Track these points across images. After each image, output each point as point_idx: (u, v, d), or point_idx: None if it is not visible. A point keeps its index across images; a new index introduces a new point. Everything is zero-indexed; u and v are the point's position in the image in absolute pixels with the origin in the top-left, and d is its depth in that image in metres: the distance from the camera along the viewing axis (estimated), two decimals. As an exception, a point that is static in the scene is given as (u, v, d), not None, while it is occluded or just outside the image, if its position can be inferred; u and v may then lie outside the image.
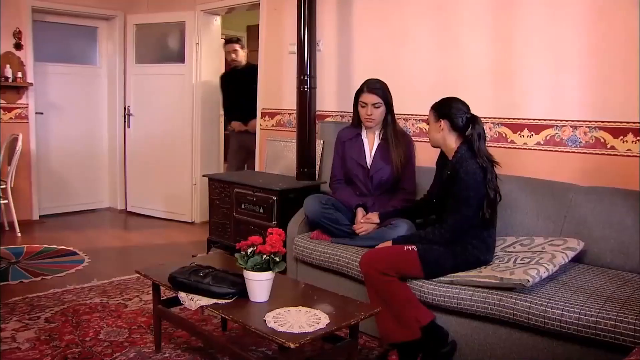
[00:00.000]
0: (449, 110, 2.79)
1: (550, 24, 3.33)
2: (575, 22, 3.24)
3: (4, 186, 5.20)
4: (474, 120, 2.76)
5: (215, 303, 2.34)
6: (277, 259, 2.30)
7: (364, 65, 4.32)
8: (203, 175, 4.85)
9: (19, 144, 5.19)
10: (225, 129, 6.13)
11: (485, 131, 2.89)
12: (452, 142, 2.80)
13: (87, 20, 6.33)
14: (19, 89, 5.63)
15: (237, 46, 5.53)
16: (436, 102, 2.89)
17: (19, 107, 5.67)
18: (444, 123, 2.79)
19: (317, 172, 4.34)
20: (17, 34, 5.56)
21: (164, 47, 6.16)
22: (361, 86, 3.39)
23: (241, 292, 2.36)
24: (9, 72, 5.46)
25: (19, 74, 5.55)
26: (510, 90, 3.54)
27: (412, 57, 4.03)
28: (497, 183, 2.74)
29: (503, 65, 3.56)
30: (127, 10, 6.30)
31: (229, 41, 5.63)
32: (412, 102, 3.97)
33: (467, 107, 2.81)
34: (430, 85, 3.88)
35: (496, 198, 2.74)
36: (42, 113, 5.94)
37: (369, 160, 3.39)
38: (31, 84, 5.68)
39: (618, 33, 3.08)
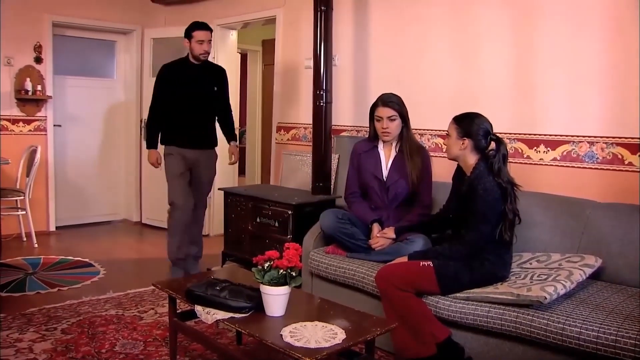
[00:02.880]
0: (473, 129, 2.77)
1: (569, 39, 3.33)
2: (594, 38, 3.24)
3: (22, 197, 5.26)
4: (498, 142, 2.75)
5: (231, 317, 2.34)
6: (294, 274, 2.30)
7: (379, 80, 4.34)
8: (219, 189, 4.88)
9: (38, 155, 5.26)
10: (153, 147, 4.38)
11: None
12: (472, 159, 2.80)
13: (105, 35, 6.42)
14: (38, 101, 5.72)
15: (211, 35, 4.28)
16: (459, 116, 2.85)
17: (38, 120, 5.75)
18: (467, 142, 2.78)
19: (332, 186, 4.35)
20: (38, 48, 5.66)
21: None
22: (376, 100, 3.41)
23: (257, 306, 2.36)
24: (28, 85, 5.56)
25: (39, 87, 5.64)
26: (528, 105, 3.54)
27: (428, 72, 4.05)
28: (517, 205, 2.73)
29: (521, 80, 3.56)
30: (144, 25, 6.39)
31: (201, 26, 4.23)
32: (429, 117, 3.98)
33: (491, 125, 2.80)
34: (447, 100, 3.88)
35: (515, 220, 2.73)
36: (60, 125, 6.03)
37: (385, 173, 3.39)
38: (50, 97, 5.76)
39: (638, 49, 3.07)
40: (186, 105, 4.26)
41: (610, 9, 3.18)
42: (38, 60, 5.68)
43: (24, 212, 5.33)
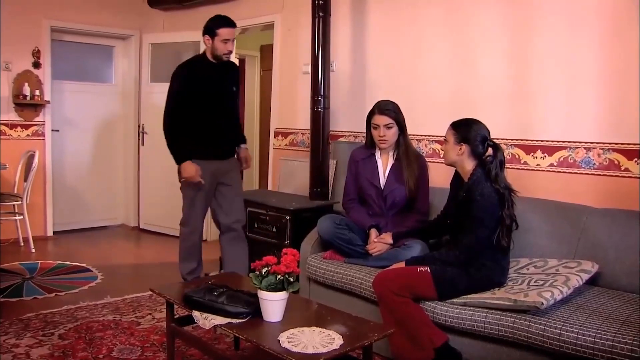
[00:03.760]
0: (471, 135, 2.78)
1: (567, 45, 3.35)
2: (592, 44, 3.25)
3: (19, 202, 5.26)
4: (495, 148, 2.77)
5: (229, 322, 2.34)
6: (292, 279, 2.31)
7: (377, 85, 4.35)
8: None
9: (36, 160, 5.26)
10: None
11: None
12: (469, 165, 2.81)
13: (103, 40, 6.43)
14: (36, 106, 5.72)
15: (234, 33, 3.78)
16: (457, 122, 2.87)
17: (36, 125, 5.75)
18: (465, 147, 2.80)
19: (330, 191, 4.35)
20: (36, 53, 5.66)
21: (178, 66, 6.22)
22: (373, 108, 3.41)
23: (255, 311, 2.37)
24: (27, 90, 5.56)
25: (37, 92, 5.64)
26: (526, 111, 3.55)
27: (426, 78, 4.06)
28: (514, 210, 2.74)
29: (519, 86, 3.57)
30: (143, 30, 6.40)
31: (227, 23, 3.71)
32: (426, 123, 3.99)
33: (488, 131, 2.82)
34: (445, 106, 3.89)
35: (512, 226, 2.74)
36: (58, 130, 6.03)
37: (382, 181, 3.40)
38: (48, 102, 5.77)
39: (634, 54, 3.08)
40: (211, 110, 3.77)
41: (608, 17, 3.19)
42: (36, 65, 5.68)
43: (22, 217, 5.32)
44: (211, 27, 3.70)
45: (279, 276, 2.28)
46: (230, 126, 3.93)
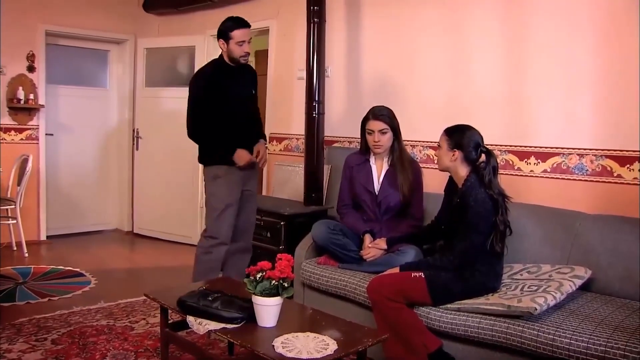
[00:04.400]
0: (464, 141, 2.79)
1: (562, 51, 3.36)
2: (587, 51, 3.27)
3: (13, 206, 5.24)
4: (488, 154, 2.78)
5: (223, 328, 2.34)
6: (286, 285, 2.31)
7: (372, 91, 4.37)
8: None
9: (29, 164, 5.24)
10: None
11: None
12: (463, 171, 2.83)
13: (98, 44, 6.43)
14: (31, 110, 5.71)
15: (250, 32, 3.69)
16: (450, 128, 2.88)
17: (30, 129, 5.74)
18: (458, 153, 2.81)
19: (324, 197, 4.36)
20: (31, 57, 5.66)
21: (173, 70, 6.24)
22: (367, 113, 3.41)
23: (249, 316, 2.37)
24: (21, 94, 5.56)
25: (31, 96, 5.64)
26: (520, 117, 3.56)
27: (420, 84, 4.07)
28: (508, 216, 2.75)
29: (513, 92, 3.59)
30: (138, 34, 6.40)
31: (240, 24, 3.61)
32: (421, 129, 4.00)
33: (481, 137, 2.83)
34: (439, 111, 3.91)
35: (506, 231, 2.75)
36: (52, 134, 6.02)
37: (376, 186, 3.40)
38: (42, 106, 5.75)
39: (629, 60, 3.09)
40: (233, 115, 3.66)
41: (604, 24, 3.21)
42: (31, 69, 5.68)
43: (15, 221, 5.30)
44: (224, 31, 3.59)
45: (273, 281, 2.28)
46: (252, 130, 3.80)
